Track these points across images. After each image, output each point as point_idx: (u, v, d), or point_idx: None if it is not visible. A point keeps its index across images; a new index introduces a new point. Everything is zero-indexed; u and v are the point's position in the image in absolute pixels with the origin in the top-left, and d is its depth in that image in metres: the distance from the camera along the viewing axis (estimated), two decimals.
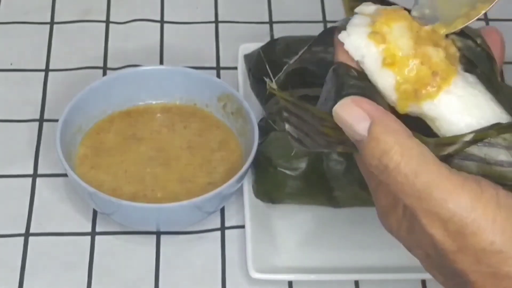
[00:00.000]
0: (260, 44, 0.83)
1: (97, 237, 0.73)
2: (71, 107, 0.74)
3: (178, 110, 0.79)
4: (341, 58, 0.57)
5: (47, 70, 0.85)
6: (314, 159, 0.73)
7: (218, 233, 0.74)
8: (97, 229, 0.74)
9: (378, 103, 0.52)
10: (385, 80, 0.54)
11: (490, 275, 0.50)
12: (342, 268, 0.71)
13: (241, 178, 0.71)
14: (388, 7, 0.56)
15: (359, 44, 0.55)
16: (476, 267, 0.50)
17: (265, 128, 0.76)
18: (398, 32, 0.54)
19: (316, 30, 0.89)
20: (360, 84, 0.54)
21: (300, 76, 0.81)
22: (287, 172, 0.73)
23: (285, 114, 0.56)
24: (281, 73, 0.60)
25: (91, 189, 0.69)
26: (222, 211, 0.75)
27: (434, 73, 0.53)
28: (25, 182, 0.77)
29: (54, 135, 0.72)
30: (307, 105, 0.55)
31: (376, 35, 0.55)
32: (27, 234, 0.73)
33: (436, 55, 0.54)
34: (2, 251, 0.72)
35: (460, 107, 0.53)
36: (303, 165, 0.73)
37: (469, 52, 0.56)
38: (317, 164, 0.73)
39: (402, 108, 0.54)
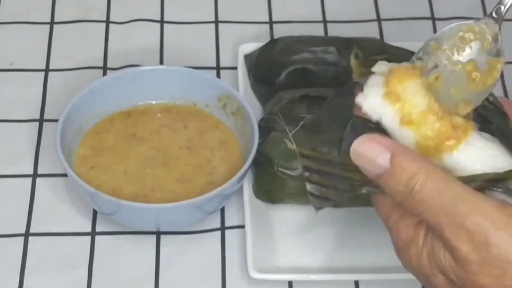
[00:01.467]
0: (260, 44, 0.84)
1: (97, 237, 0.73)
2: (71, 107, 0.74)
3: (178, 110, 0.79)
4: (359, 113, 0.58)
5: (47, 70, 0.85)
6: None
7: (218, 233, 0.74)
8: (97, 229, 0.74)
9: None
10: (406, 138, 0.55)
11: None
12: (342, 268, 0.72)
13: (241, 178, 0.71)
14: (401, 65, 0.58)
15: (375, 104, 0.56)
16: (500, 280, 0.51)
17: (265, 128, 0.76)
18: (412, 90, 0.56)
19: (316, 30, 0.89)
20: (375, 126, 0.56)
21: (300, 76, 0.81)
22: (287, 172, 0.73)
23: (306, 174, 0.57)
24: (297, 128, 0.61)
25: (91, 189, 0.69)
26: (222, 211, 0.75)
27: (455, 126, 0.55)
28: (25, 182, 0.77)
29: (54, 135, 0.72)
30: (328, 156, 0.58)
31: (390, 95, 0.56)
32: (27, 234, 0.73)
33: (457, 115, 0.56)
34: (2, 251, 0.72)
35: (478, 157, 0.55)
36: None
37: (483, 110, 0.58)
38: None
39: None
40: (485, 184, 0.54)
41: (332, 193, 0.57)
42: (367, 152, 0.54)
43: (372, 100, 0.57)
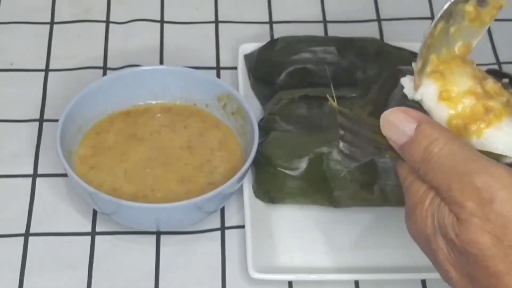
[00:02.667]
0: (260, 44, 0.84)
1: (97, 237, 0.73)
2: (71, 107, 0.74)
3: (178, 110, 0.79)
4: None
5: (47, 70, 0.85)
6: (314, 159, 0.73)
7: (218, 233, 0.74)
8: (97, 229, 0.74)
9: None
10: (439, 115, 0.58)
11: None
12: (342, 268, 0.72)
13: (241, 178, 0.71)
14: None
15: (420, 83, 0.59)
16: (501, 240, 0.51)
17: (265, 128, 0.76)
18: (457, 71, 0.58)
19: (316, 30, 0.89)
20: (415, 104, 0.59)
21: (300, 76, 0.81)
22: (287, 172, 0.73)
23: (341, 132, 0.60)
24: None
25: (91, 189, 0.69)
26: (222, 211, 0.75)
27: (488, 110, 0.56)
28: (25, 182, 0.77)
29: (54, 135, 0.72)
30: (362, 115, 0.61)
31: (435, 73, 0.58)
32: (27, 234, 0.73)
33: (496, 98, 0.57)
34: (2, 251, 0.72)
35: (504, 142, 0.56)
36: (303, 165, 0.73)
37: None
38: (317, 164, 0.73)
39: None
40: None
41: (359, 152, 0.59)
42: (395, 120, 0.56)
43: (416, 80, 0.59)
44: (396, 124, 0.56)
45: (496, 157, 0.55)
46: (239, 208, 0.75)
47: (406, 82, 0.60)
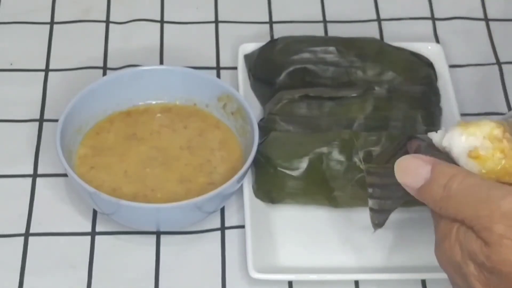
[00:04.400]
0: (260, 44, 0.84)
1: (97, 237, 0.73)
2: (71, 107, 0.74)
3: (178, 110, 0.79)
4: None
5: (47, 70, 0.85)
6: (314, 159, 0.73)
7: (218, 233, 0.74)
8: (97, 229, 0.74)
9: None
10: (470, 169, 0.59)
11: None
12: (342, 268, 0.72)
13: (241, 178, 0.71)
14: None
15: (448, 136, 0.61)
16: None
17: (265, 128, 0.76)
18: (484, 129, 0.60)
19: (316, 30, 0.89)
20: (441, 153, 0.61)
21: (300, 76, 0.81)
22: (287, 172, 0.73)
23: (369, 190, 0.64)
24: None
25: (91, 189, 0.69)
26: (222, 211, 0.75)
27: None
28: (25, 182, 0.76)
29: (54, 135, 0.72)
30: (388, 166, 0.62)
31: (466, 128, 0.60)
32: (27, 234, 0.73)
33: None
34: (2, 251, 0.72)
35: None
36: (303, 165, 0.73)
37: None
38: (317, 164, 0.73)
39: None
40: None
41: (390, 203, 0.63)
42: (410, 164, 0.59)
43: (444, 132, 0.61)
44: (410, 168, 0.59)
45: None
46: (239, 208, 0.75)
47: (435, 136, 0.62)
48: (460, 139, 0.59)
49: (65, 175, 0.76)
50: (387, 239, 0.74)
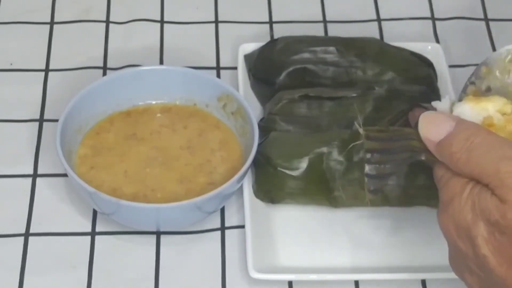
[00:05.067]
0: (260, 44, 0.84)
1: (97, 237, 0.73)
2: (71, 107, 0.74)
3: (178, 110, 0.79)
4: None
5: (47, 70, 0.85)
6: (314, 159, 0.73)
7: (218, 233, 0.74)
8: (97, 229, 0.74)
9: None
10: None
11: None
12: (342, 268, 0.72)
13: (241, 178, 0.71)
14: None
15: (455, 106, 0.62)
16: None
17: (265, 128, 0.76)
18: (497, 104, 0.61)
19: (316, 30, 0.89)
20: None
21: (300, 76, 0.81)
22: (287, 172, 0.73)
23: (368, 155, 0.64)
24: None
25: (91, 189, 0.69)
26: (222, 211, 0.75)
27: None
28: (25, 182, 0.77)
29: (54, 135, 0.72)
30: (397, 128, 0.65)
31: (478, 103, 0.62)
32: (27, 234, 0.73)
33: None
34: (2, 251, 0.72)
35: None
36: (303, 165, 0.73)
37: None
38: (317, 164, 0.73)
39: None
40: None
41: (389, 167, 0.63)
42: (435, 119, 0.60)
43: (448, 101, 0.62)
44: (436, 121, 0.59)
45: None
46: (239, 208, 0.75)
47: (439, 104, 0.63)
48: (472, 111, 0.60)
49: (65, 175, 0.76)
50: (387, 239, 0.74)
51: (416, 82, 0.80)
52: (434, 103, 0.63)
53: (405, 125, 0.71)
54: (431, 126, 0.59)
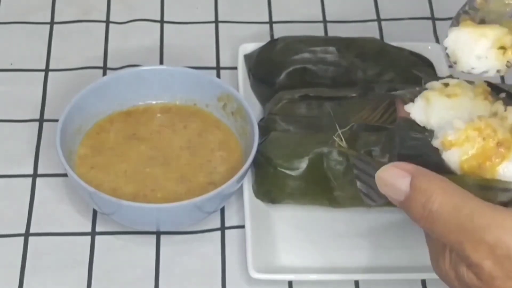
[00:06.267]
0: (260, 44, 0.84)
1: (97, 237, 0.73)
2: (71, 107, 0.74)
3: (178, 110, 0.79)
4: (403, 116, 0.60)
5: (47, 70, 0.85)
6: (314, 159, 0.73)
7: (218, 233, 0.74)
8: (97, 229, 0.74)
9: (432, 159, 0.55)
10: (449, 158, 0.56)
11: None
12: (342, 268, 0.72)
13: (241, 178, 0.71)
14: (452, 80, 0.59)
15: (423, 114, 0.58)
16: None
17: (265, 128, 0.76)
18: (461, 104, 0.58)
19: (316, 30, 0.89)
20: (420, 136, 0.57)
21: (300, 76, 0.81)
22: (287, 172, 0.73)
23: (355, 171, 0.60)
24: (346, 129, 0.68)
25: (91, 189, 0.69)
26: (222, 211, 0.75)
27: (499, 144, 0.55)
28: (25, 182, 0.77)
29: (54, 135, 0.72)
30: (368, 158, 0.60)
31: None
32: (27, 234, 0.73)
33: (502, 127, 0.55)
34: (2, 251, 0.72)
35: None
36: (303, 165, 0.73)
37: None
38: (317, 164, 0.73)
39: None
40: None
41: (375, 194, 0.59)
42: (389, 178, 0.55)
43: (420, 109, 0.58)
44: (390, 182, 0.55)
45: (506, 185, 0.54)
46: (239, 208, 0.75)
47: (413, 109, 0.59)
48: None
49: (65, 175, 0.76)
50: (387, 239, 0.74)
51: (416, 82, 0.80)
52: (407, 107, 0.59)
53: (388, 117, 0.66)
54: (387, 187, 0.55)
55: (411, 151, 0.56)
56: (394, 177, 0.55)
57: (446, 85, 0.59)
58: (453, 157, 0.56)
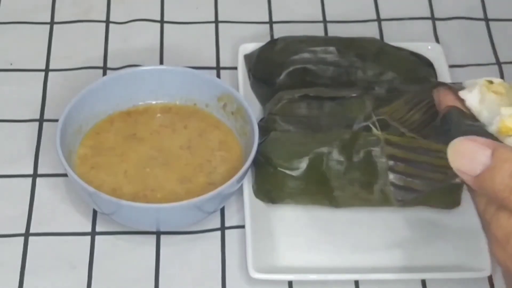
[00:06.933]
0: (260, 44, 0.84)
1: (97, 237, 0.73)
2: (71, 107, 0.74)
3: (178, 110, 0.79)
4: (450, 104, 0.57)
5: (47, 70, 0.85)
6: (314, 159, 0.73)
7: (218, 233, 0.74)
8: (97, 229, 0.74)
9: None
10: (510, 143, 0.54)
11: None
12: (342, 268, 0.72)
13: (241, 178, 0.71)
14: (496, 80, 0.58)
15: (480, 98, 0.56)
16: None
17: (265, 128, 0.76)
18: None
19: (316, 30, 0.89)
20: (475, 123, 0.55)
21: (300, 76, 0.81)
22: (287, 172, 0.73)
23: (390, 162, 0.57)
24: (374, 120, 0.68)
25: (91, 189, 0.69)
26: (222, 211, 0.75)
27: None
28: (25, 182, 0.77)
29: (54, 135, 0.72)
30: (422, 141, 0.56)
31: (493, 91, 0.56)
32: (27, 234, 0.73)
33: None
34: (2, 251, 0.72)
35: None
36: (303, 165, 0.73)
37: None
38: (317, 164, 0.73)
39: None
40: None
41: (419, 183, 0.56)
42: (466, 149, 0.52)
43: (476, 96, 0.56)
44: (468, 153, 0.52)
45: None
46: (239, 208, 0.75)
47: (469, 96, 0.57)
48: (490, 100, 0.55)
49: (65, 175, 0.76)
50: (387, 239, 0.74)
51: (416, 82, 0.80)
52: (463, 94, 0.57)
53: (427, 108, 0.62)
54: (463, 159, 0.52)
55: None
56: (473, 149, 0.52)
57: (491, 82, 0.58)
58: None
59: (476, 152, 0.52)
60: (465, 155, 0.52)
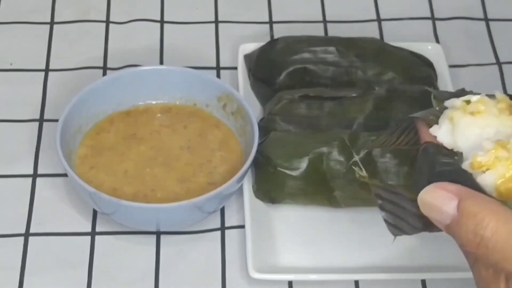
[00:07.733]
0: (260, 44, 0.84)
1: (97, 237, 0.73)
2: (71, 107, 0.74)
3: (178, 110, 0.79)
4: (428, 139, 0.56)
5: (47, 70, 0.85)
6: (314, 159, 0.73)
7: (218, 233, 0.74)
8: (97, 229, 0.74)
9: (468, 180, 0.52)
10: (484, 181, 0.52)
11: None
12: (342, 268, 0.72)
13: (241, 178, 0.71)
14: (474, 97, 0.56)
15: (450, 136, 0.55)
16: None
17: (265, 128, 0.76)
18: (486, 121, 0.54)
19: (316, 30, 0.89)
20: (451, 161, 0.54)
21: (300, 76, 0.81)
22: (287, 172, 0.73)
23: (379, 201, 0.56)
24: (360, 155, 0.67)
25: (91, 189, 0.69)
26: (222, 211, 0.75)
27: None
28: (25, 182, 0.77)
29: (54, 135, 0.72)
30: (398, 189, 0.56)
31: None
32: (27, 234, 0.73)
33: None
34: (2, 251, 0.72)
35: None
36: (303, 165, 0.73)
37: None
38: (317, 164, 0.73)
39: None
40: None
41: (405, 225, 0.56)
42: (433, 200, 0.52)
43: (446, 131, 0.55)
44: (435, 205, 0.51)
45: None
46: (239, 208, 0.75)
47: (437, 131, 0.56)
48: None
49: (65, 175, 0.76)
50: (387, 239, 0.74)
51: (416, 82, 0.80)
52: (433, 130, 0.56)
53: (407, 135, 0.62)
54: (432, 210, 0.52)
55: (442, 178, 0.53)
56: (440, 199, 0.51)
57: (468, 102, 0.56)
58: (489, 180, 0.52)
59: (443, 203, 0.51)
60: (433, 207, 0.52)
